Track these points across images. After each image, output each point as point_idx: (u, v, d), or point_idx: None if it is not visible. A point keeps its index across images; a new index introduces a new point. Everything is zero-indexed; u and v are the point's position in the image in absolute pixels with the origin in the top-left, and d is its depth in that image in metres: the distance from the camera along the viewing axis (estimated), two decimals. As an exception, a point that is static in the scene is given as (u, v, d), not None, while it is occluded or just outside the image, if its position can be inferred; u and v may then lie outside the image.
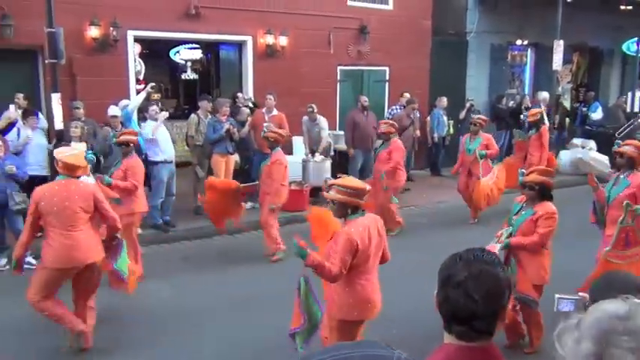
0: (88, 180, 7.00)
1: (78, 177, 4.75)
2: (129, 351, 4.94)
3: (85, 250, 4.66)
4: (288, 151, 10.63)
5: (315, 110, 9.97)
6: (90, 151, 5.30)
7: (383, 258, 4.08)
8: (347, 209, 3.84)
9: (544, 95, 12.84)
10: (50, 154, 7.75)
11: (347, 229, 3.76)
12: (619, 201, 5.31)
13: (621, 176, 5.49)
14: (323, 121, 10.11)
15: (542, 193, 4.74)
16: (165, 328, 5.35)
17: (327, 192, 3.92)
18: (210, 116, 8.94)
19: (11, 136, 7.53)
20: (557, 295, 2.32)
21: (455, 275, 1.70)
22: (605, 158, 11.89)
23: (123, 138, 6.49)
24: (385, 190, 8.12)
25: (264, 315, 5.50)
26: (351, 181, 3.94)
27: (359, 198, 3.84)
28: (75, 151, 4.80)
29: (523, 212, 4.81)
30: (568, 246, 5.98)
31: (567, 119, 14.20)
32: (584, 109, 14.45)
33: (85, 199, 4.65)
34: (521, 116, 10.54)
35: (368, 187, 3.98)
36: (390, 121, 8.78)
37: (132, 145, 6.48)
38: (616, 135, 12.18)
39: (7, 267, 6.46)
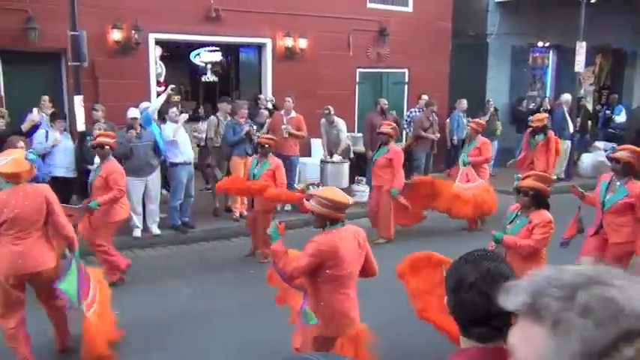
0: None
1: (29, 181, 4.53)
2: (139, 351, 4.99)
3: (33, 258, 4.39)
4: (307, 153, 10.68)
5: (332, 112, 9.97)
6: (31, 151, 5.17)
7: (370, 271, 3.95)
8: (326, 221, 3.72)
9: (566, 97, 12.67)
10: (75, 155, 7.91)
11: (320, 239, 3.67)
12: (616, 208, 5.14)
13: (617, 183, 5.21)
14: (341, 123, 10.12)
15: (537, 200, 4.47)
16: (177, 328, 5.38)
17: (308, 201, 3.80)
18: (229, 118, 9.01)
19: (39, 138, 7.67)
20: None
21: (465, 278, 1.72)
22: None
23: (99, 140, 6.24)
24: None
25: (277, 318, 5.51)
26: (333, 193, 3.78)
27: (339, 212, 3.72)
28: (11, 157, 4.45)
29: (517, 221, 4.57)
30: (576, 249, 5.86)
31: (589, 122, 13.99)
32: (608, 111, 14.23)
33: (36, 203, 4.39)
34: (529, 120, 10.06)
35: (351, 200, 3.82)
36: (394, 124, 8.45)
37: (107, 147, 6.23)
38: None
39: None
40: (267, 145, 7.13)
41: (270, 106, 10.07)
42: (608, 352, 0.81)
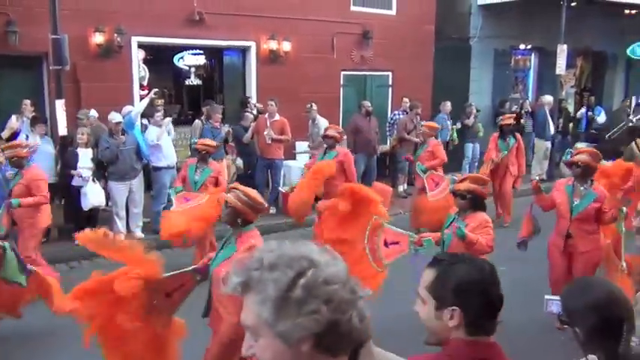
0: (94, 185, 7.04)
1: None
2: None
3: None
4: (291, 156, 10.68)
5: (314, 108, 10.00)
6: None
7: None
8: (237, 218, 3.62)
9: (548, 99, 12.81)
10: (56, 160, 7.83)
11: (253, 243, 3.50)
12: (586, 214, 5.04)
13: (581, 188, 5.09)
14: (322, 122, 10.12)
15: (474, 202, 4.40)
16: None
17: (228, 193, 3.71)
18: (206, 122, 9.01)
19: (20, 142, 7.59)
20: (546, 297, 2.35)
21: (473, 278, 1.76)
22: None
23: (9, 153, 6.08)
24: None
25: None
26: (254, 192, 3.74)
27: (254, 212, 3.63)
28: None
29: (456, 224, 4.44)
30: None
31: (570, 124, 14.18)
32: (590, 112, 14.42)
33: None
34: (497, 120, 9.73)
35: (266, 204, 3.74)
36: (339, 127, 7.95)
37: (18, 158, 6.05)
38: (606, 137, 12.12)
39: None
40: (204, 152, 6.80)
41: (255, 112, 10.01)
42: (290, 287, 1.17)
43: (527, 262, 6.13)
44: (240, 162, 9.45)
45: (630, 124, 11.77)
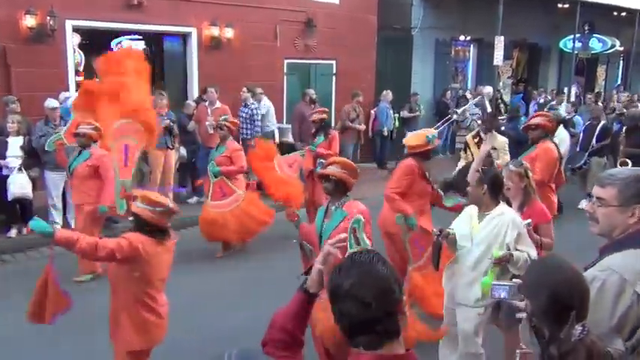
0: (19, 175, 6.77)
1: None
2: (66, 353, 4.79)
3: None
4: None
5: (259, 91, 10.06)
6: None
7: None
8: None
9: (488, 89, 13.18)
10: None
11: None
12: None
13: (333, 207, 3.99)
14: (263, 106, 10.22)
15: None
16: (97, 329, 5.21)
17: None
18: None
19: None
20: (493, 282, 2.39)
21: (340, 286, 1.65)
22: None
23: None
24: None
25: (207, 319, 5.44)
26: None
27: None
28: None
29: None
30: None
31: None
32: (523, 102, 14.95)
33: None
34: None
35: None
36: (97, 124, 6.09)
37: None
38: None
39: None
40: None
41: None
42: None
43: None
44: (183, 151, 9.29)
45: (455, 116, 11.38)
